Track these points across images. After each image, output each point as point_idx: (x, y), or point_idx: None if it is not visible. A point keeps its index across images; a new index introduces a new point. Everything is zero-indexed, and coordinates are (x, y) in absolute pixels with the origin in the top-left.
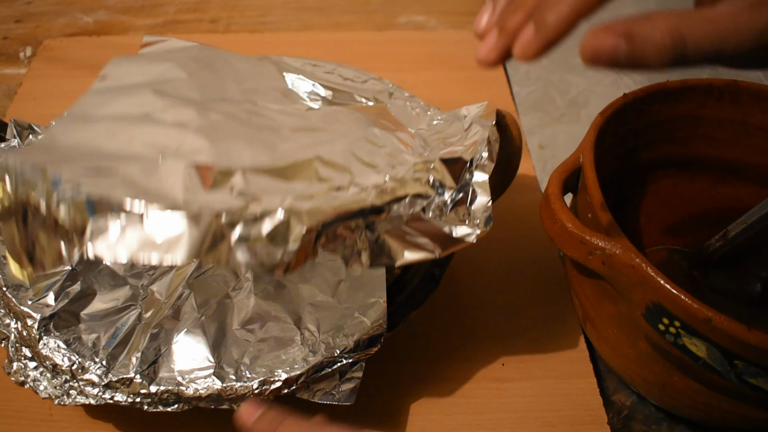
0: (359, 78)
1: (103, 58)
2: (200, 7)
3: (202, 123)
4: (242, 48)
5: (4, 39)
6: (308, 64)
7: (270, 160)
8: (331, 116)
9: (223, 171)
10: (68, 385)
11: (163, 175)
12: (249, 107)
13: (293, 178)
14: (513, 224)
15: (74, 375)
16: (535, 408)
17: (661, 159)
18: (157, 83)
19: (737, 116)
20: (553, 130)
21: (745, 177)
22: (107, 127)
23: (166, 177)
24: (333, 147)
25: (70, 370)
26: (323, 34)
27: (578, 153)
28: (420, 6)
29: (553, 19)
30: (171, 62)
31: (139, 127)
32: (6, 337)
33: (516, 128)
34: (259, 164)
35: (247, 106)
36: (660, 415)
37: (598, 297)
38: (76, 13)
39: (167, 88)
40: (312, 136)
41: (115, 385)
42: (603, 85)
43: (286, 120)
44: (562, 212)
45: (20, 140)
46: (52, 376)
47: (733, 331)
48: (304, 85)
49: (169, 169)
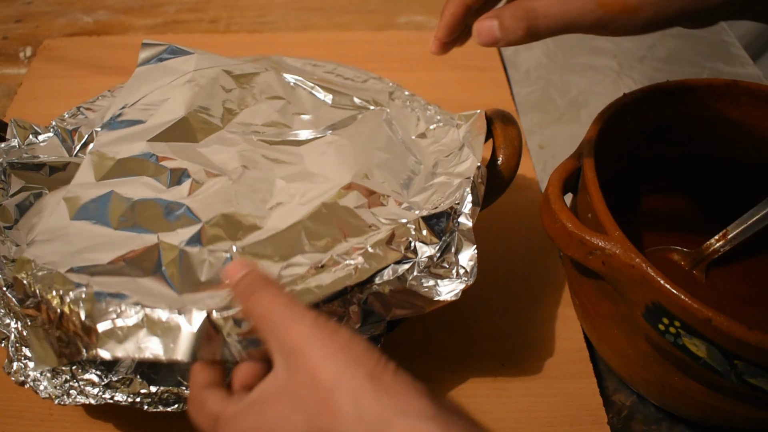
0: (359, 77)
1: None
2: (200, 7)
3: (197, 195)
4: (242, 48)
5: (4, 39)
6: (308, 63)
7: (260, 234)
8: (323, 156)
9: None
10: (68, 385)
11: (164, 261)
12: (244, 153)
13: (280, 257)
14: (513, 224)
15: (74, 375)
16: (535, 408)
17: (661, 159)
18: (150, 149)
19: (737, 116)
20: (553, 130)
21: (745, 177)
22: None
23: (166, 264)
24: (318, 211)
25: (70, 370)
26: (323, 34)
27: (578, 153)
28: (420, 6)
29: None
30: (162, 113)
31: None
32: (6, 337)
33: (516, 128)
34: (250, 240)
35: (242, 151)
36: (660, 415)
37: (598, 297)
38: (76, 13)
39: (160, 150)
40: (301, 186)
41: (115, 385)
42: (603, 85)
43: (278, 170)
44: (562, 212)
45: (20, 140)
46: (52, 376)
47: (733, 331)
48: (301, 88)
49: (168, 255)
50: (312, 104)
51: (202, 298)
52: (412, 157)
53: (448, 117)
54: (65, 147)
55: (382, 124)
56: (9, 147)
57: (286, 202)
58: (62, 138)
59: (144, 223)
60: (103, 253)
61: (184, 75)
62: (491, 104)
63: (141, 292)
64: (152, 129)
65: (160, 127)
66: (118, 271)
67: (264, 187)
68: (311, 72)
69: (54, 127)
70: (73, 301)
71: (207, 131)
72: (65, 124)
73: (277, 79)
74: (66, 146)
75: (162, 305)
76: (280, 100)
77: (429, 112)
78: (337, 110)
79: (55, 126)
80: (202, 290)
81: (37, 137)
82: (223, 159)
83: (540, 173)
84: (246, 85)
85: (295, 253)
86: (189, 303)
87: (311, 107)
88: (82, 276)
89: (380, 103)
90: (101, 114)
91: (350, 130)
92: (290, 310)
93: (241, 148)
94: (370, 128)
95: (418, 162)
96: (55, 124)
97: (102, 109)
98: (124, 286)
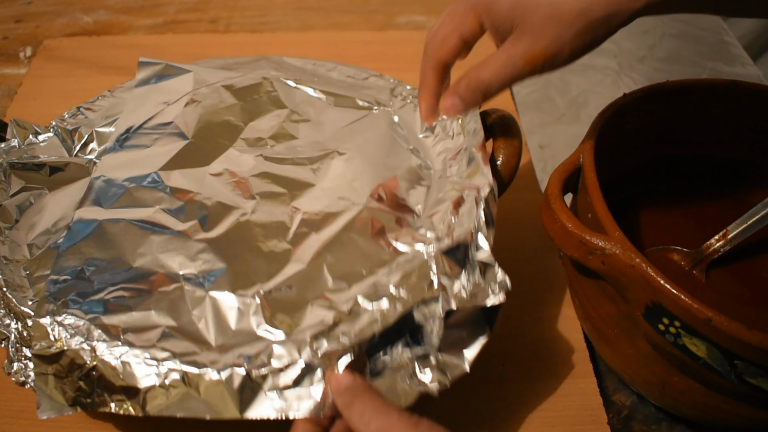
0: (360, 75)
1: (103, 58)
2: (200, 7)
3: (214, 232)
4: (242, 48)
5: (4, 39)
6: (308, 63)
7: (285, 272)
8: (335, 176)
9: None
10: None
11: (193, 309)
12: (256, 179)
13: (304, 301)
14: (513, 224)
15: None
16: (535, 408)
17: (661, 159)
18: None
19: (737, 116)
20: (553, 130)
21: (745, 177)
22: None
23: (196, 314)
24: (337, 240)
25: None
26: (323, 34)
27: (578, 153)
28: (420, 6)
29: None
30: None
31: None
32: (6, 337)
33: (516, 128)
34: (275, 282)
35: (254, 175)
36: (660, 415)
37: (598, 297)
38: (76, 13)
39: (174, 181)
40: (317, 211)
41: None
42: (603, 85)
43: (292, 194)
44: (562, 212)
45: (20, 140)
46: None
47: (733, 331)
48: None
49: (197, 302)
50: (315, 110)
51: (238, 348)
52: (421, 162)
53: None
54: (65, 147)
55: (387, 130)
56: (9, 147)
57: (305, 232)
58: (62, 138)
59: (164, 260)
60: (128, 294)
61: (185, 95)
62: (491, 104)
63: (173, 343)
64: (160, 155)
65: (168, 153)
66: (148, 320)
67: (280, 214)
68: (312, 71)
69: (54, 127)
70: (106, 355)
71: (215, 152)
72: (65, 124)
73: (278, 88)
74: (66, 146)
75: (198, 358)
76: (283, 109)
77: None
78: (342, 114)
79: (55, 126)
80: (235, 338)
81: (37, 137)
82: (238, 188)
83: (540, 173)
84: (248, 98)
85: (320, 293)
86: (225, 354)
87: (315, 113)
88: (112, 326)
89: (383, 103)
90: (101, 114)
91: (358, 140)
92: (383, 410)
93: (252, 171)
94: (377, 138)
95: (427, 167)
96: (55, 124)
97: (102, 109)
98: (156, 336)
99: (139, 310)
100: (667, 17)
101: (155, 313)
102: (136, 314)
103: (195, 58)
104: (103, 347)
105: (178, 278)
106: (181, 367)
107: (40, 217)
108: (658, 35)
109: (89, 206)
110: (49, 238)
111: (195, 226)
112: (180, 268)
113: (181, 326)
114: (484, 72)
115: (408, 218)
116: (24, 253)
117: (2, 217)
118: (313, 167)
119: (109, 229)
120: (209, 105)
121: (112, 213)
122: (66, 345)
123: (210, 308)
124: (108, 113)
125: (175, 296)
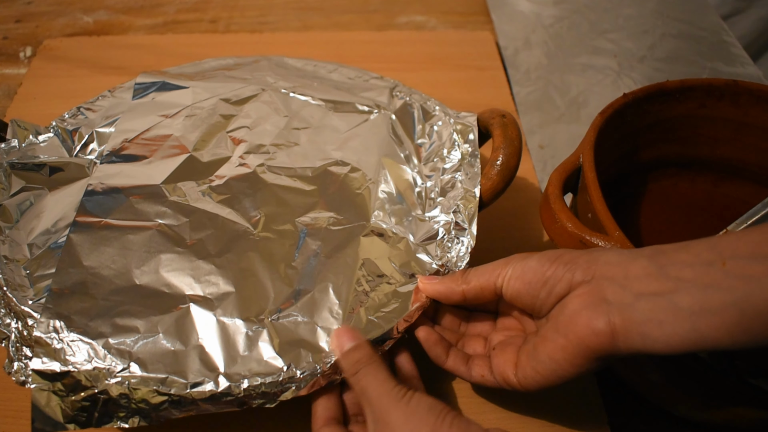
0: (360, 77)
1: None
2: (200, 7)
3: (221, 255)
4: (242, 48)
5: (4, 39)
6: (309, 63)
7: (293, 301)
8: (337, 192)
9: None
10: None
11: (201, 333)
12: (259, 194)
13: (314, 323)
14: (513, 224)
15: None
16: (535, 408)
17: (661, 159)
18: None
19: (737, 116)
20: (553, 130)
21: (745, 177)
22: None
23: (204, 337)
24: (342, 262)
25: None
26: (323, 34)
27: (578, 153)
28: (420, 6)
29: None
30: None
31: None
32: (6, 337)
33: (516, 128)
34: (286, 315)
35: (257, 189)
36: (660, 415)
37: None
38: (76, 13)
39: (177, 195)
40: (321, 226)
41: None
42: (603, 85)
43: (295, 213)
44: (562, 212)
45: (20, 140)
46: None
47: None
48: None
49: (204, 325)
50: (315, 117)
51: (249, 374)
52: (418, 177)
53: (445, 112)
54: (65, 147)
55: (386, 137)
56: (9, 147)
57: (312, 254)
58: (62, 138)
59: (170, 279)
60: (135, 316)
61: (183, 109)
62: (491, 104)
63: (182, 370)
64: (161, 167)
65: (169, 166)
66: (156, 344)
67: (286, 232)
68: (312, 72)
69: (54, 127)
70: (119, 382)
71: (217, 164)
72: (65, 124)
73: (277, 97)
74: (66, 146)
75: (207, 387)
76: (283, 117)
77: (428, 103)
78: (342, 120)
79: (55, 126)
80: (245, 365)
81: (37, 137)
82: (242, 203)
83: (540, 173)
84: (246, 108)
85: (328, 319)
86: (236, 380)
87: (315, 120)
88: (121, 351)
89: (382, 107)
90: (101, 114)
91: (358, 147)
92: (382, 386)
93: (255, 185)
94: (377, 144)
95: (422, 181)
96: (55, 124)
97: (102, 109)
98: (164, 361)
99: (146, 331)
100: (667, 17)
101: (163, 336)
102: (143, 336)
103: (195, 58)
104: (111, 370)
105: (185, 299)
106: (190, 392)
107: (40, 217)
108: (658, 35)
109: (88, 215)
110: (49, 238)
111: (200, 244)
112: (187, 289)
113: (187, 347)
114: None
115: (406, 237)
116: (24, 253)
117: (3, 216)
118: (315, 177)
119: (110, 241)
120: (208, 119)
121: (112, 223)
122: (72, 366)
123: (219, 333)
124: (108, 113)
125: (182, 319)
